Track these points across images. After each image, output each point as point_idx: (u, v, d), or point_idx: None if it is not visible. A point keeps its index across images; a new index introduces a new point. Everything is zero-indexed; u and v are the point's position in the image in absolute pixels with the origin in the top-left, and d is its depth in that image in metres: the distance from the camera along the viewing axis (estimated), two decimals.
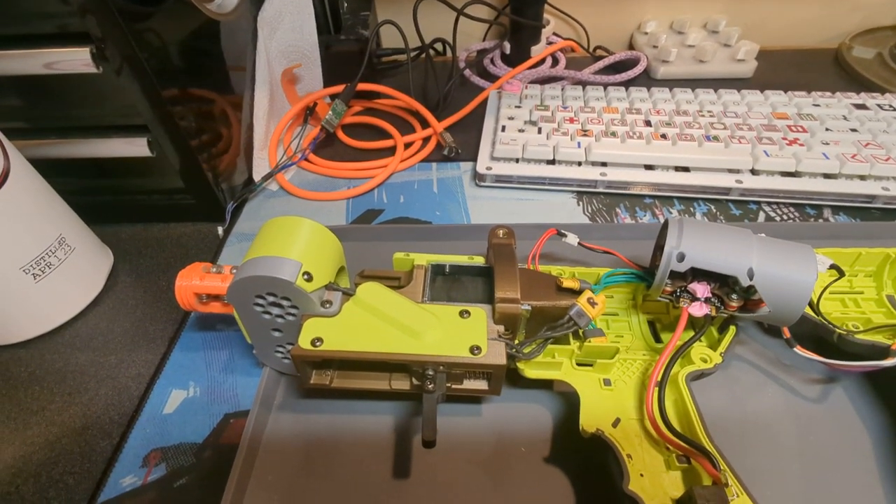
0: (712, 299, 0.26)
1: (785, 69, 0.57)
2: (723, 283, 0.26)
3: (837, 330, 0.27)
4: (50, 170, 0.33)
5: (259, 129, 0.44)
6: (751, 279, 0.25)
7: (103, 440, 0.28)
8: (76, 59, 0.31)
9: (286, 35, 0.45)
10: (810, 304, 0.27)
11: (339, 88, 0.47)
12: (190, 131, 0.36)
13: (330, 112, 0.46)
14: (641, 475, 0.22)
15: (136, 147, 0.35)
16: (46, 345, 0.33)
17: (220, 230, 0.39)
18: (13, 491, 0.26)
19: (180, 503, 0.25)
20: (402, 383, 0.25)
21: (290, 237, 0.25)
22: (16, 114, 0.35)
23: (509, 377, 0.28)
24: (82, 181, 0.39)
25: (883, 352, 0.26)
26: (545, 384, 0.28)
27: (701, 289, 0.26)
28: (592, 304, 0.25)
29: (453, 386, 0.25)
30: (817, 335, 0.28)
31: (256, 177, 0.43)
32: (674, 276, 0.26)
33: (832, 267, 0.28)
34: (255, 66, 0.43)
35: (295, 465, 0.26)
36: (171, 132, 0.35)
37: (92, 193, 0.40)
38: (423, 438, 0.22)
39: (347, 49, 0.50)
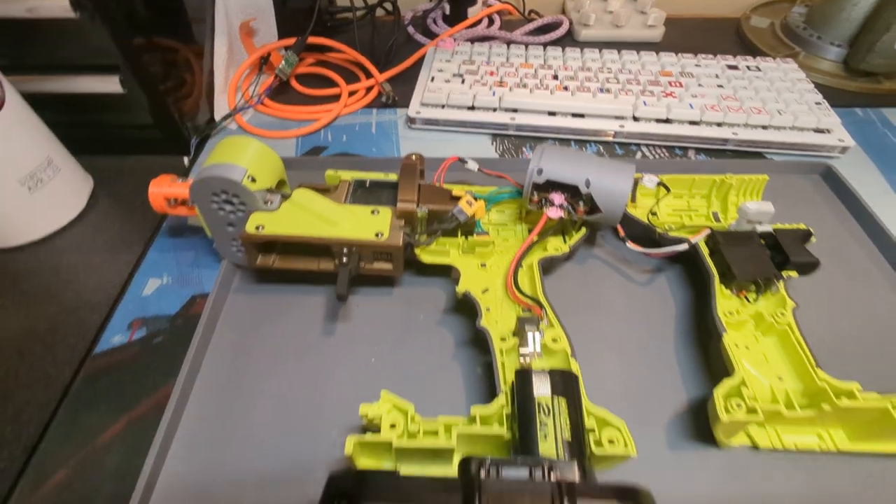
0: (566, 206, 0.35)
1: (691, 35, 0.65)
2: (574, 193, 0.35)
3: (658, 230, 0.36)
4: (34, 104, 0.39)
5: (219, 75, 0.50)
6: (588, 188, 0.33)
7: (94, 314, 0.35)
8: (56, 5, 0.36)
9: None
10: (651, 212, 0.37)
11: (291, 41, 0.53)
12: (157, 72, 0.42)
13: (283, 62, 0.52)
14: (497, 322, 0.31)
15: (109, 84, 0.41)
16: (40, 249, 0.40)
17: (186, 161, 0.46)
18: (25, 347, 0.33)
19: (157, 354, 0.33)
20: (327, 264, 0.33)
21: (239, 150, 0.32)
22: (1, 52, 0.40)
23: (415, 267, 0.36)
24: (64, 115, 0.44)
25: (683, 242, 0.35)
26: (443, 272, 0.37)
27: (557, 197, 0.35)
28: (470, 203, 0.33)
29: (365, 266, 0.33)
30: (648, 236, 0.37)
31: (217, 117, 0.49)
32: (538, 188, 0.35)
33: (660, 184, 0.37)
34: (214, 18, 0.48)
35: (247, 326, 0.34)
36: (139, 72, 0.41)
37: (73, 127, 0.45)
38: (336, 293, 0.30)
39: (299, 5, 0.56)
